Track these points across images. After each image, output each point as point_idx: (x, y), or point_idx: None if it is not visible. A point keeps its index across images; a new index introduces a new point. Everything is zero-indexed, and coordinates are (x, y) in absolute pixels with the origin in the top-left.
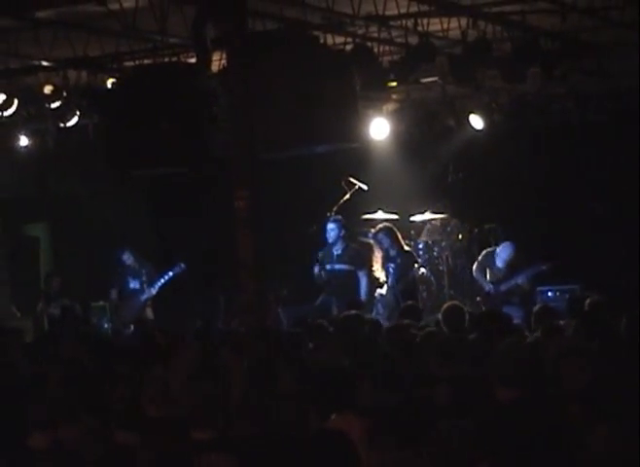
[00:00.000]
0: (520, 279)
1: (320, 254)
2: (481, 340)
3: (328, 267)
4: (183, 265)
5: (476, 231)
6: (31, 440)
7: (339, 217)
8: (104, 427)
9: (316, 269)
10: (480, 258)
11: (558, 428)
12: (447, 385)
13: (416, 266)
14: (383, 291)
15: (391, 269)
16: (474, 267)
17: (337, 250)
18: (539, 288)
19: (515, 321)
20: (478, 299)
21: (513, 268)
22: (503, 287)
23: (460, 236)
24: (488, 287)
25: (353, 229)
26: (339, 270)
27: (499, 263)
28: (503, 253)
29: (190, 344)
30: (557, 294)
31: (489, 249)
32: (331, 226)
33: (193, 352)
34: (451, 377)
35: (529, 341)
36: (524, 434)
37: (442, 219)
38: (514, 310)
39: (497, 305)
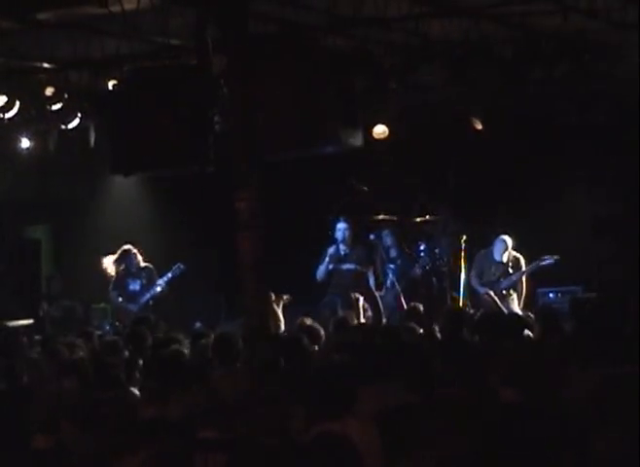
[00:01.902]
0: (522, 276)
1: (326, 253)
2: (483, 341)
3: (334, 266)
4: (182, 266)
5: (477, 232)
6: (34, 441)
7: (348, 217)
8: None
9: (321, 269)
10: (474, 264)
11: (560, 429)
12: (447, 388)
13: (417, 267)
14: (382, 292)
15: (390, 270)
16: (470, 274)
17: (344, 250)
18: (540, 289)
19: None
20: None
21: (512, 263)
22: (503, 285)
23: (463, 238)
24: (484, 290)
25: (356, 230)
26: (347, 270)
27: (497, 256)
28: (498, 246)
29: None
30: (559, 295)
31: (482, 251)
32: (341, 225)
33: None
34: (451, 379)
35: (531, 341)
36: (525, 435)
37: (443, 221)
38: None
39: (497, 305)
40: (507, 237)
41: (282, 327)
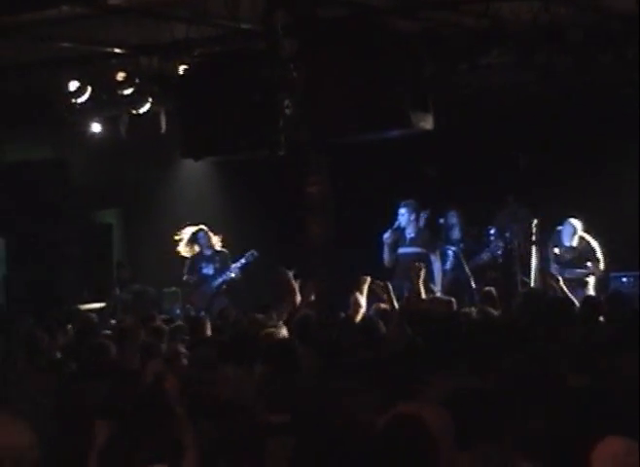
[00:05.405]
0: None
1: (390, 237)
2: (548, 326)
3: (400, 250)
4: (255, 253)
5: (547, 217)
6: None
7: (411, 201)
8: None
9: (385, 256)
10: (547, 248)
11: (628, 415)
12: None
13: (486, 251)
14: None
15: (452, 252)
16: (543, 257)
17: (409, 233)
18: (613, 274)
19: None
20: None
21: (582, 247)
22: (567, 274)
23: (533, 222)
24: (553, 267)
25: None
26: (412, 254)
27: (566, 241)
28: (567, 230)
29: None
30: (632, 280)
31: (551, 235)
32: (402, 210)
33: None
34: (515, 365)
35: (601, 326)
36: (594, 421)
37: (512, 205)
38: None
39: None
40: (575, 221)
41: (361, 313)
